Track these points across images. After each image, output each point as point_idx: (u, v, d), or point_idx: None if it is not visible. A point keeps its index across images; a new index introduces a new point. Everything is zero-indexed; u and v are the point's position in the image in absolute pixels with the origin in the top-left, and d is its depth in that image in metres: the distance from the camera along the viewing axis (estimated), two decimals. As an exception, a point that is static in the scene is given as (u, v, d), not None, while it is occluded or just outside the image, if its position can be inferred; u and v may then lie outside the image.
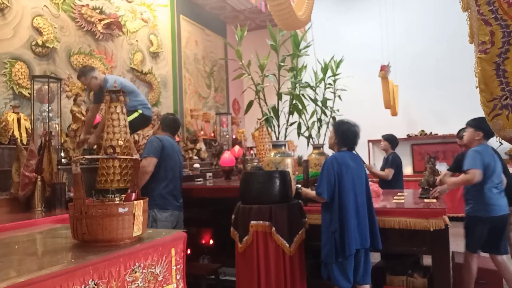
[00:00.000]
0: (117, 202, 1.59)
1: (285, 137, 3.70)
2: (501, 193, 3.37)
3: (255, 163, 4.33)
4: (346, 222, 2.84)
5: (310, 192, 3.12)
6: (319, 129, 4.43)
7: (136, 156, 3.27)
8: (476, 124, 3.42)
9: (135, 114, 3.93)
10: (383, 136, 5.39)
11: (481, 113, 1.63)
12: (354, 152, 3.16)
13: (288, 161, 3.37)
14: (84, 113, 4.43)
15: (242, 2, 7.57)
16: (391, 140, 5.30)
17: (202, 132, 6.78)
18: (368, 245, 2.90)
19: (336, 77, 4.51)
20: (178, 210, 3.56)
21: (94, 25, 5.11)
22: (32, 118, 3.44)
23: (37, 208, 2.84)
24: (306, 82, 4.06)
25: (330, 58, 4.51)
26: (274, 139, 3.68)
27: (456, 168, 3.92)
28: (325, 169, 2.93)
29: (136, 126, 4.00)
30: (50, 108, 3.46)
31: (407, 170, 7.92)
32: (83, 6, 4.97)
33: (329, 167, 2.92)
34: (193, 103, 7.27)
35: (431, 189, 3.62)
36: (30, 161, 2.86)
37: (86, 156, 3.12)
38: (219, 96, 8.25)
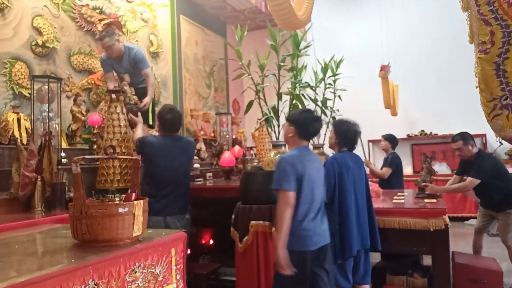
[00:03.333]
0: (117, 202, 1.59)
1: (285, 137, 3.69)
2: None
3: (255, 163, 4.33)
4: (346, 224, 2.83)
5: None
6: (319, 129, 4.42)
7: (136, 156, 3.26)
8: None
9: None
10: (383, 136, 5.39)
11: (481, 113, 1.63)
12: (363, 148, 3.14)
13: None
14: (84, 113, 4.43)
15: (242, 2, 7.57)
16: (392, 140, 5.30)
17: (202, 132, 6.78)
18: (368, 246, 2.90)
19: (336, 77, 4.51)
20: (161, 216, 3.13)
21: (94, 25, 5.11)
22: (32, 118, 3.44)
23: (37, 208, 2.84)
24: (306, 82, 4.06)
25: (330, 58, 4.51)
26: (274, 139, 3.68)
27: (463, 172, 4.05)
28: (326, 171, 2.93)
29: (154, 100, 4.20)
30: (50, 108, 3.46)
31: (407, 170, 7.92)
32: (83, 6, 4.97)
33: (330, 169, 2.91)
34: (193, 103, 7.26)
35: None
36: (30, 161, 2.86)
37: (86, 156, 3.11)
38: (219, 96, 8.25)
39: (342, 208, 2.86)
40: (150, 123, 3.99)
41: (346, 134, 3.05)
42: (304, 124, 2.56)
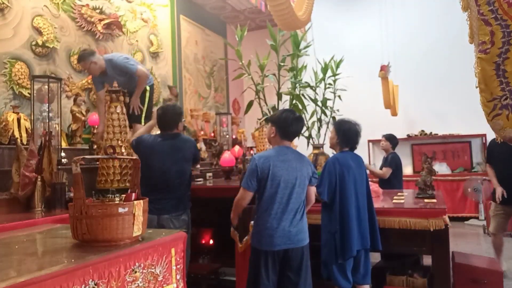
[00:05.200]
0: (117, 202, 1.59)
1: (285, 137, 3.69)
2: None
3: (255, 163, 4.32)
4: (347, 224, 2.83)
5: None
6: (319, 129, 4.43)
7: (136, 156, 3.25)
8: None
9: (147, 94, 3.93)
10: (384, 136, 5.39)
11: (481, 113, 1.63)
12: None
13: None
14: (84, 113, 4.43)
15: (242, 2, 7.57)
16: (392, 139, 5.30)
17: (202, 132, 6.78)
18: (368, 246, 2.90)
19: (336, 77, 4.52)
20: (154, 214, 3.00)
21: (94, 25, 5.11)
22: (32, 118, 3.44)
23: (37, 208, 2.84)
24: (306, 82, 4.07)
25: (330, 58, 4.51)
26: (274, 139, 3.67)
27: None
28: (327, 170, 2.92)
29: (152, 98, 4.02)
30: (50, 108, 3.46)
31: (407, 170, 7.92)
32: (83, 6, 4.97)
33: (331, 168, 2.91)
34: (193, 103, 7.26)
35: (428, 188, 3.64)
36: (30, 161, 2.86)
37: (86, 156, 3.11)
38: (219, 96, 8.25)
39: (343, 208, 2.86)
40: (142, 123, 3.91)
41: (348, 134, 3.05)
42: (285, 124, 2.60)
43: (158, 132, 3.31)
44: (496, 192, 4.20)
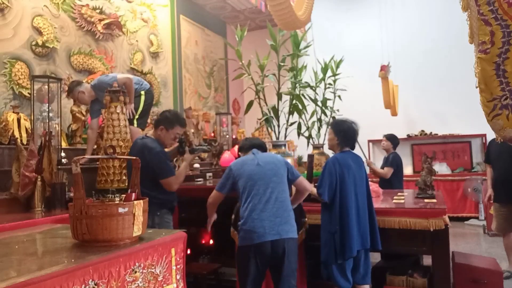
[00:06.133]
0: (117, 202, 1.59)
1: (285, 137, 3.70)
2: None
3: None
4: (347, 224, 2.83)
5: (313, 189, 3.10)
6: (319, 129, 4.43)
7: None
8: None
9: (142, 98, 3.88)
10: (385, 136, 5.39)
11: (481, 113, 1.63)
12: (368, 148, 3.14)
13: (288, 161, 3.37)
14: (84, 113, 4.43)
15: (242, 2, 7.57)
16: (393, 139, 5.30)
17: (202, 132, 6.78)
18: (368, 246, 2.90)
19: (336, 77, 4.52)
20: None
21: (94, 25, 5.11)
22: (32, 118, 3.44)
23: (37, 208, 2.84)
24: (306, 82, 4.07)
25: (330, 58, 4.51)
26: (274, 139, 3.68)
27: None
28: (327, 170, 2.92)
29: (149, 103, 3.95)
30: (50, 108, 3.46)
31: (407, 170, 7.92)
32: (83, 6, 4.97)
33: (331, 169, 2.91)
34: (193, 103, 7.26)
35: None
36: (30, 161, 2.86)
37: (86, 156, 3.10)
38: (219, 96, 8.25)
39: (343, 208, 2.86)
40: (135, 125, 3.91)
41: (348, 133, 3.05)
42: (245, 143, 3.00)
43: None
44: (486, 194, 4.34)
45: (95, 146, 4.00)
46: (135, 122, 3.86)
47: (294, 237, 2.60)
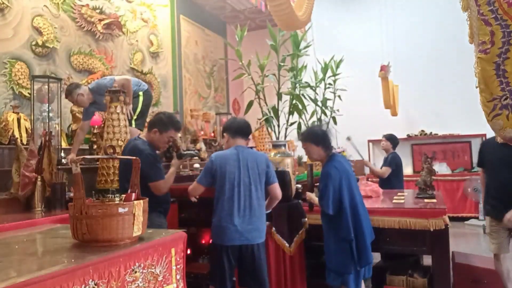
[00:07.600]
0: (117, 202, 1.59)
1: (285, 137, 3.70)
2: None
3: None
4: (362, 232, 2.77)
5: (315, 198, 3.05)
6: (319, 129, 4.42)
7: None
8: None
9: (140, 99, 3.87)
10: (384, 136, 5.39)
11: (481, 113, 1.63)
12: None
13: (288, 161, 3.37)
14: (84, 113, 4.42)
15: (242, 2, 7.58)
16: (393, 140, 5.31)
17: (202, 132, 6.78)
18: (374, 237, 2.89)
19: (336, 77, 4.52)
20: None
21: (94, 25, 5.11)
22: (32, 118, 3.44)
23: (37, 208, 2.84)
24: (306, 82, 4.07)
25: (330, 58, 4.51)
26: (274, 139, 3.68)
27: None
28: (330, 184, 2.78)
29: (147, 104, 3.95)
30: (50, 108, 3.46)
31: (407, 170, 7.92)
32: (83, 6, 4.97)
33: (335, 182, 2.78)
34: (193, 103, 7.26)
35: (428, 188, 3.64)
36: (30, 161, 2.86)
37: (86, 156, 3.10)
38: (219, 96, 8.25)
39: (356, 217, 2.79)
40: (133, 126, 3.90)
41: (325, 137, 2.97)
42: (233, 126, 2.93)
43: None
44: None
45: (95, 146, 4.00)
46: (133, 122, 3.84)
47: (262, 242, 2.73)
